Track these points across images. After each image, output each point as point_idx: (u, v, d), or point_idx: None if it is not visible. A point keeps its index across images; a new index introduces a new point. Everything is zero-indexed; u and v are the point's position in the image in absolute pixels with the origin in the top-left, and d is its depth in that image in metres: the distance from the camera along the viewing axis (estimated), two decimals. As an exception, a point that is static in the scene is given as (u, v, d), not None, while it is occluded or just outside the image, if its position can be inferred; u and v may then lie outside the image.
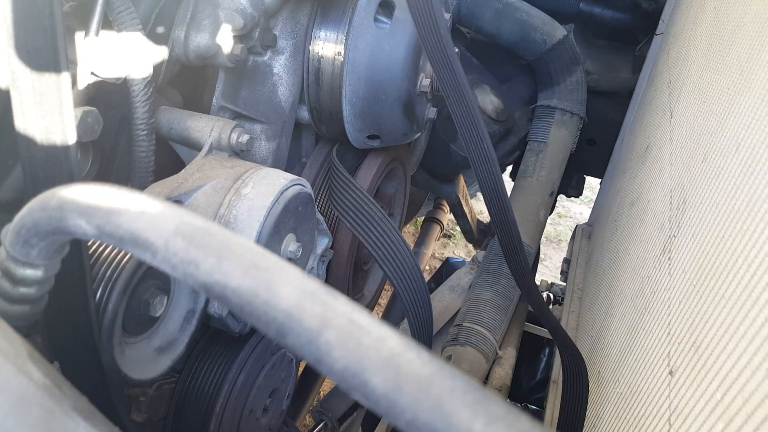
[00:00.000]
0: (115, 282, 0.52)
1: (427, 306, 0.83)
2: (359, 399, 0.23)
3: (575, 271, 1.47)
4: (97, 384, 0.49)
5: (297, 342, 0.24)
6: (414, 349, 0.23)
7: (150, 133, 0.69)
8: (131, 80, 0.65)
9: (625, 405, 0.63)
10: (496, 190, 0.75)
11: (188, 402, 0.71)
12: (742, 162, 0.52)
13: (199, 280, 0.26)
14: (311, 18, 0.83)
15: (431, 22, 0.69)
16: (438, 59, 0.70)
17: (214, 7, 0.71)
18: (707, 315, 0.48)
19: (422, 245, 2.03)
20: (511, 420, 0.21)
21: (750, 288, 0.41)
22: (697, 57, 0.86)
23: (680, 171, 0.74)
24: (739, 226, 0.48)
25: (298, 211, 0.69)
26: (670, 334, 0.56)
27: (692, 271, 0.56)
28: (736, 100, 0.60)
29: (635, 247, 0.88)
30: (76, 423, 0.26)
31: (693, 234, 0.60)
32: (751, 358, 0.38)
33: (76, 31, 0.61)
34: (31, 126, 0.41)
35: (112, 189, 0.30)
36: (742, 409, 0.37)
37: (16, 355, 0.28)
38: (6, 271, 0.35)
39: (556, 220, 3.88)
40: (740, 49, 0.64)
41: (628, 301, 0.80)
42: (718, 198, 0.55)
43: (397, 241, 0.80)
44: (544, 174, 1.54)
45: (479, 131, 0.72)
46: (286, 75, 0.84)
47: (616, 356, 0.75)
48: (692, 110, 0.78)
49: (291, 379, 0.85)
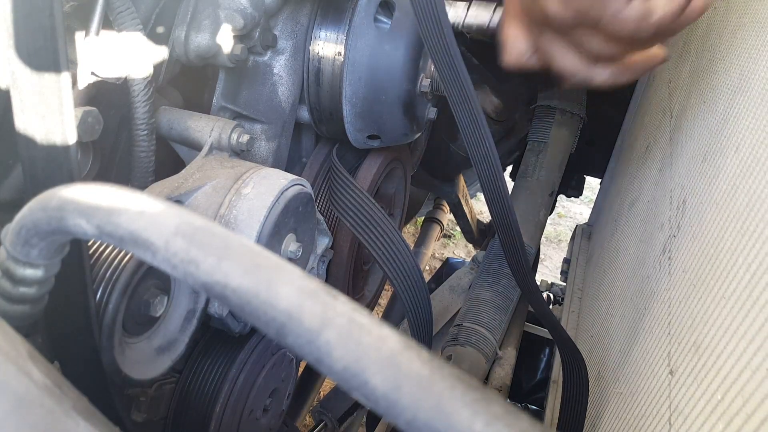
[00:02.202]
0: (116, 282, 0.52)
1: (427, 306, 0.83)
2: (359, 399, 0.23)
3: (575, 271, 1.47)
4: (97, 384, 0.49)
5: (297, 342, 0.24)
6: (414, 349, 0.23)
7: (150, 133, 0.69)
8: (131, 80, 0.65)
9: (626, 405, 0.63)
10: (498, 189, 0.75)
11: (188, 402, 0.71)
12: (741, 162, 0.52)
13: (199, 279, 0.26)
14: (311, 18, 0.83)
15: (434, 18, 0.69)
16: (441, 57, 0.70)
17: (215, 7, 0.71)
18: (707, 315, 0.48)
19: (422, 245, 2.03)
20: (511, 420, 0.21)
21: (750, 287, 0.42)
22: (697, 57, 0.86)
23: (680, 171, 0.74)
24: (739, 225, 0.48)
25: (298, 211, 0.69)
26: (670, 334, 0.56)
27: (692, 271, 0.56)
28: (736, 100, 0.60)
29: (635, 247, 0.88)
30: (76, 423, 0.26)
31: (693, 234, 0.60)
32: (751, 358, 0.38)
33: (76, 31, 0.61)
34: (31, 126, 0.41)
35: (112, 189, 0.30)
36: (742, 409, 0.37)
37: (16, 355, 0.28)
38: (6, 271, 0.35)
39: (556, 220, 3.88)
40: (740, 50, 0.64)
41: (628, 301, 0.80)
42: (718, 198, 0.55)
43: (397, 241, 0.80)
44: (544, 174, 1.54)
45: (482, 130, 0.72)
46: (287, 75, 0.84)
47: (617, 356, 0.75)
48: (692, 110, 0.78)
49: (291, 379, 0.85)
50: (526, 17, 0.65)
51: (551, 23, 0.61)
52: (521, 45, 0.66)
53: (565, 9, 0.58)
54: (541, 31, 0.64)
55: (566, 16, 0.59)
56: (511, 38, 0.67)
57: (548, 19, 0.60)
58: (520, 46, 0.66)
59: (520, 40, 0.66)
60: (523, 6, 0.64)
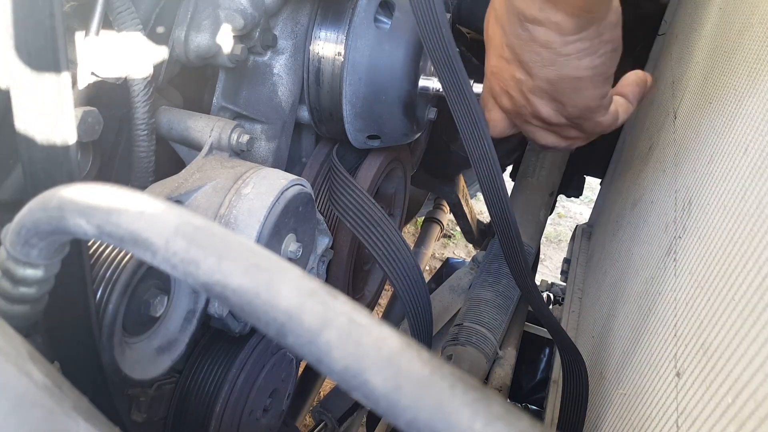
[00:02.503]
0: (116, 282, 0.52)
1: (427, 306, 0.83)
2: (359, 399, 0.23)
3: (575, 271, 1.47)
4: (97, 384, 0.49)
5: (297, 342, 0.24)
6: (414, 349, 0.23)
7: (150, 133, 0.69)
8: (131, 80, 0.65)
9: (630, 406, 0.63)
10: (496, 190, 0.75)
11: (188, 402, 0.71)
12: (751, 163, 0.52)
13: (199, 279, 0.26)
14: (311, 18, 0.83)
15: (433, 19, 0.69)
16: (439, 58, 0.70)
17: (214, 7, 0.71)
18: (716, 317, 0.48)
19: (422, 245, 2.03)
20: (511, 420, 0.21)
21: (762, 290, 0.41)
22: (702, 58, 0.86)
23: (685, 172, 0.74)
24: (749, 228, 0.47)
25: (298, 211, 0.69)
26: (676, 335, 0.56)
27: (699, 273, 0.56)
28: (744, 102, 0.60)
29: (638, 248, 0.88)
30: (76, 423, 0.26)
31: (700, 235, 0.59)
32: (764, 362, 0.38)
33: (76, 31, 0.61)
34: (31, 126, 0.41)
35: (112, 188, 0.30)
36: (755, 412, 0.36)
37: (16, 355, 0.28)
38: (6, 271, 0.35)
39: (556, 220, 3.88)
40: (747, 51, 0.64)
41: (631, 301, 0.80)
42: (726, 199, 0.55)
43: (397, 242, 0.80)
44: (544, 174, 1.54)
45: (480, 131, 0.72)
46: (286, 75, 0.84)
47: (620, 357, 0.75)
48: (697, 111, 0.78)
49: (291, 379, 0.85)
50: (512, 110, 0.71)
51: (540, 121, 0.69)
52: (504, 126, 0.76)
53: (556, 115, 0.67)
54: (525, 120, 0.72)
55: (556, 121, 0.67)
56: (493, 121, 0.76)
57: (538, 118, 0.68)
58: (502, 127, 0.76)
59: (502, 122, 0.75)
60: (513, 103, 0.70)
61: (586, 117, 0.67)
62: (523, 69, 0.63)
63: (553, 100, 0.65)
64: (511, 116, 0.74)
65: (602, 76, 0.63)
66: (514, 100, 0.69)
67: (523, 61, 0.62)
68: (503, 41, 0.63)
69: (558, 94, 0.64)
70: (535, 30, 0.58)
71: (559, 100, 0.65)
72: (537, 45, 0.59)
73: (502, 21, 0.62)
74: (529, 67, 0.62)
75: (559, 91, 0.63)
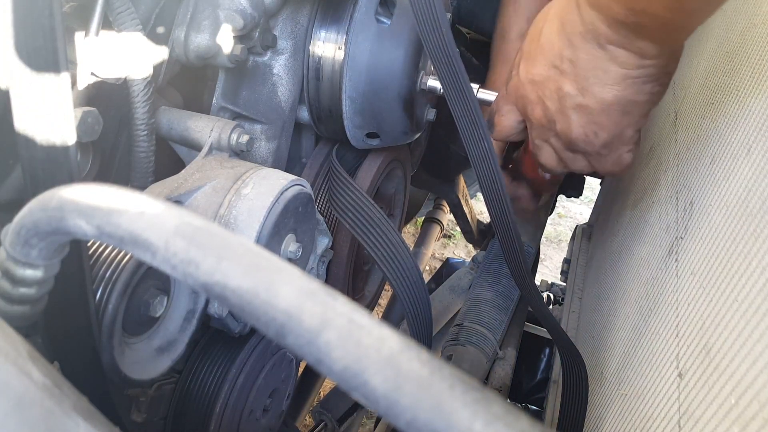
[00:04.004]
0: (115, 282, 0.52)
1: (426, 307, 0.83)
2: (359, 399, 0.23)
3: (575, 271, 1.47)
4: (97, 384, 0.49)
5: (297, 342, 0.24)
6: (414, 349, 0.23)
7: (150, 134, 0.69)
8: (131, 80, 0.65)
9: (631, 406, 0.63)
10: (496, 190, 0.75)
11: (188, 402, 0.71)
12: (754, 164, 0.52)
13: (199, 280, 0.26)
14: (311, 18, 0.83)
15: (433, 19, 0.69)
16: (439, 57, 0.70)
17: (214, 7, 0.71)
18: (719, 318, 0.48)
19: (422, 245, 2.02)
20: (511, 420, 0.21)
21: (765, 291, 0.41)
22: (704, 58, 0.86)
23: (687, 172, 0.74)
24: (752, 228, 0.47)
25: (298, 212, 0.69)
26: (678, 336, 0.56)
27: (702, 274, 0.55)
28: (747, 102, 0.59)
29: (639, 248, 0.88)
30: (76, 423, 0.26)
31: (702, 236, 0.59)
32: (767, 363, 0.38)
33: (76, 31, 0.61)
34: (31, 126, 0.41)
35: (112, 189, 0.30)
36: (759, 413, 0.36)
37: (16, 355, 0.28)
38: (6, 272, 0.35)
39: (556, 220, 3.88)
40: (751, 51, 0.64)
41: (632, 302, 0.80)
42: (729, 200, 0.55)
43: (396, 243, 0.80)
44: (544, 174, 1.53)
45: (480, 130, 0.72)
46: (286, 75, 0.84)
47: (620, 357, 0.75)
48: (699, 112, 0.78)
49: (291, 379, 0.85)
50: (540, 121, 0.71)
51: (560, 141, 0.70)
52: (509, 134, 0.78)
53: (584, 139, 0.68)
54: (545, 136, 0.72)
55: (581, 145, 0.68)
56: (502, 126, 0.77)
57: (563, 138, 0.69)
58: (508, 134, 0.78)
59: (510, 130, 0.77)
60: (545, 114, 0.69)
61: (613, 147, 0.67)
62: (577, 84, 0.63)
63: (591, 123, 0.64)
64: (533, 127, 0.72)
65: (650, 106, 0.64)
66: (548, 112, 0.68)
67: (582, 77, 0.62)
68: (565, 54, 0.62)
69: (603, 116, 0.63)
70: (616, 51, 0.58)
71: (599, 123, 0.64)
72: (613, 64, 0.59)
73: (571, 36, 0.61)
74: (587, 84, 0.62)
75: (607, 113, 0.63)
